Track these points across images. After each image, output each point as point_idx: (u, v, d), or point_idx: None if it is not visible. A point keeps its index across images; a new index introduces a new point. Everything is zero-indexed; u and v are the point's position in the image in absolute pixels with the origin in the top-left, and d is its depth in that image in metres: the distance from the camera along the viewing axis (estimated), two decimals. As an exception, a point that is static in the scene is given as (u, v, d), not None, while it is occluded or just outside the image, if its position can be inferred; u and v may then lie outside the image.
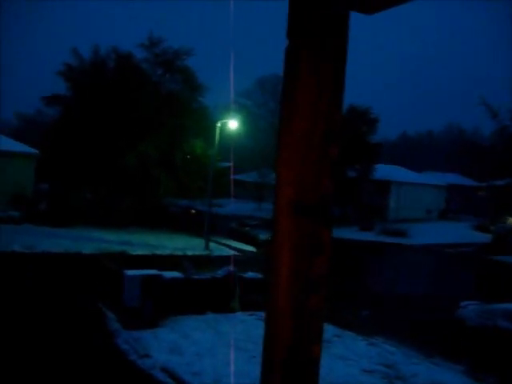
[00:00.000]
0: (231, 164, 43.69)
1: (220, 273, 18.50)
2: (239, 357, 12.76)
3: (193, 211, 45.98)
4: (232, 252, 31.56)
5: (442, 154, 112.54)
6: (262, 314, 16.55)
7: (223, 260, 24.63)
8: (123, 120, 36.16)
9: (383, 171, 56.56)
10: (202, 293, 17.16)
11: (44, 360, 11.64)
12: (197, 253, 29.35)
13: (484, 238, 48.40)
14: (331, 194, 1.61)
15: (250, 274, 19.36)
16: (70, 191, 38.34)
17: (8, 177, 36.99)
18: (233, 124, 33.41)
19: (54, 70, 40.17)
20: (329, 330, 14.77)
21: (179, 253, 28.52)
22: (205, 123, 38.63)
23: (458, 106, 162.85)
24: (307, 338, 1.64)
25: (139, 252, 27.66)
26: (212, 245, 32.05)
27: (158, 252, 28.32)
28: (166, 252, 28.61)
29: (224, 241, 35.52)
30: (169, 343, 13.60)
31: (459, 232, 51.34)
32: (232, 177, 46.81)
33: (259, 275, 19.18)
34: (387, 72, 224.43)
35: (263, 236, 36.09)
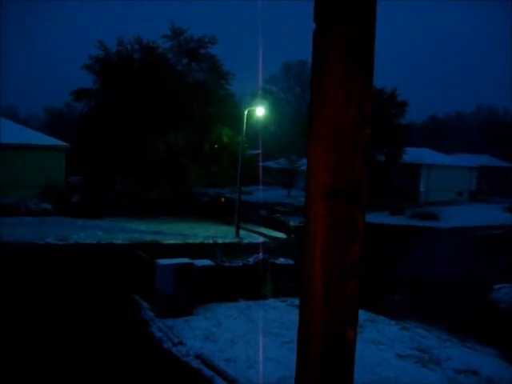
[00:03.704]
0: (259, 151, 43.70)
1: (251, 260, 18.56)
2: (272, 343, 12.82)
3: (222, 199, 46.11)
4: (263, 239, 31.62)
5: (473, 136, 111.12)
6: (294, 300, 16.60)
7: (254, 247, 24.72)
8: (151, 111, 36.32)
9: (413, 154, 56.00)
10: (233, 280, 17.25)
11: (81, 349, 11.84)
12: (228, 240, 29.47)
13: (516, 219, 47.73)
14: (365, 177, 1.60)
15: (281, 260, 19.40)
16: (100, 183, 38.74)
17: (40, 170, 37.53)
18: (260, 111, 33.35)
19: (81, 63, 40.55)
20: (361, 314, 14.73)
21: (210, 241, 28.67)
22: (232, 111, 38.63)
23: (488, 87, 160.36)
24: (343, 322, 1.64)
25: (171, 241, 27.86)
26: (242, 232, 32.12)
27: (190, 241, 28.49)
28: (198, 240, 28.78)
29: (254, 228, 35.58)
30: (202, 331, 13.71)
31: (490, 214, 50.63)
32: (261, 164, 46.80)
33: (290, 261, 19.20)
34: (415, 54, 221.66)
35: (293, 222, 36.09)
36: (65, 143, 41.02)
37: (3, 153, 36.68)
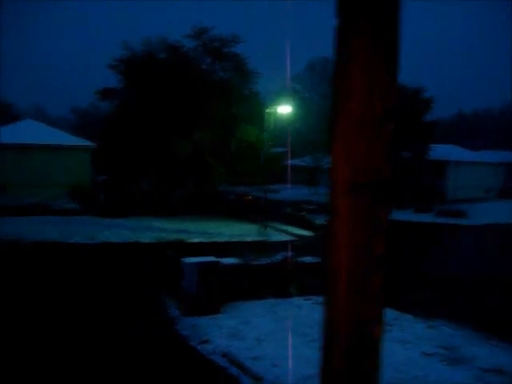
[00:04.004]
0: (286, 150, 43.64)
1: (277, 258, 18.53)
2: (298, 341, 12.80)
3: (249, 197, 46.12)
4: (288, 237, 31.56)
5: (500, 132, 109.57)
6: (320, 299, 16.53)
7: (280, 245, 24.66)
8: (176, 110, 36.48)
9: (440, 151, 55.47)
10: (259, 278, 17.24)
11: (109, 346, 11.95)
12: (254, 239, 29.47)
13: (547, 216, 46.95)
14: (388, 172, 1.59)
15: (307, 259, 19.32)
16: (127, 182, 39.03)
17: (67, 170, 38.05)
18: (284, 109, 33.31)
19: (106, 63, 40.90)
20: (387, 313, 14.60)
21: (236, 239, 28.70)
22: (257, 110, 38.63)
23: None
24: (368, 318, 1.63)
25: (196, 239, 27.97)
26: (269, 230, 32.10)
27: (215, 239, 28.57)
28: (223, 239, 28.84)
29: (280, 226, 35.50)
30: (228, 329, 13.73)
31: (519, 211, 49.92)
32: (287, 162, 46.73)
33: (317, 259, 19.11)
34: (443, 49, 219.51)
35: (319, 220, 35.95)
36: (91, 143, 41.51)
37: (32, 153, 37.21)
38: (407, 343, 13.25)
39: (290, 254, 18.95)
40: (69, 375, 10.31)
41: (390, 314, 15.14)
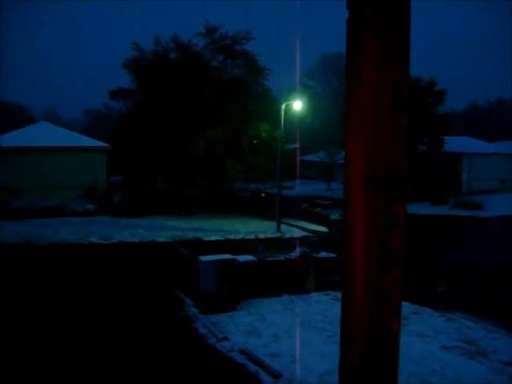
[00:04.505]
0: (299, 146, 43.55)
1: (293, 254, 18.52)
2: (316, 337, 12.80)
3: (263, 194, 46.12)
4: (304, 233, 31.55)
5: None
6: (337, 294, 16.50)
7: (296, 241, 24.65)
8: (188, 108, 36.53)
9: (454, 143, 55.09)
10: (276, 275, 17.24)
11: (130, 345, 12.01)
12: (269, 235, 29.49)
13: None
14: (404, 164, 1.57)
15: (323, 254, 19.29)
16: (141, 181, 39.15)
17: (81, 171, 38.22)
18: (297, 105, 33.27)
19: (117, 64, 41.04)
20: (405, 306, 14.59)
21: (252, 236, 28.74)
22: (269, 106, 38.59)
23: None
24: (386, 312, 1.62)
25: (212, 238, 28.03)
26: (284, 227, 32.09)
27: (231, 237, 28.61)
28: (239, 236, 28.88)
29: (295, 222, 35.50)
30: (246, 326, 13.76)
31: (536, 202, 49.50)
32: (300, 158, 46.67)
33: (332, 255, 19.08)
34: (455, 40, 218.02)
35: (335, 216, 35.87)
36: (105, 144, 41.66)
37: (48, 156, 37.44)
38: (426, 336, 13.20)
39: (306, 249, 18.92)
40: (90, 368, 10.40)
41: (409, 307, 15.09)
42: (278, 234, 30.27)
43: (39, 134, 39.73)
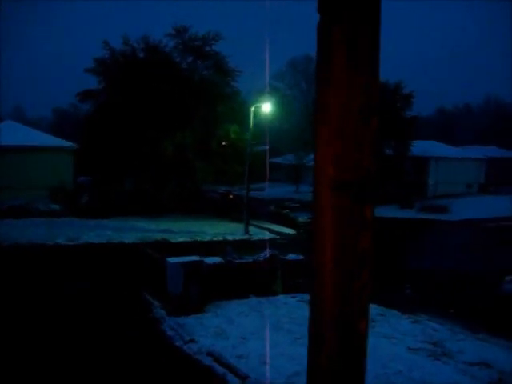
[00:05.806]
0: (267, 147, 43.61)
1: (261, 256, 18.52)
2: (284, 339, 12.82)
3: (231, 196, 46.10)
4: (272, 235, 31.59)
5: (481, 127, 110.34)
6: (304, 296, 16.57)
7: (264, 243, 24.66)
8: (157, 110, 36.33)
9: (421, 147, 55.69)
10: (244, 277, 17.22)
11: (92, 347, 11.87)
12: (237, 237, 29.47)
13: (527, 210, 47.31)
14: (373, 168, 1.59)
15: (291, 256, 19.33)
16: (109, 182, 38.81)
17: (48, 171, 37.70)
18: (266, 107, 33.31)
19: (86, 63, 40.65)
20: (372, 309, 14.66)
21: (220, 238, 28.70)
22: (239, 108, 38.61)
23: (495, 78, 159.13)
24: (354, 314, 1.63)
25: (180, 239, 27.91)
26: (252, 229, 32.09)
27: (199, 238, 28.53)
28: (207, 238, 28.81)
29: (264, 224, 35.53)
30: (213, 328, 13.72)
31: (500, 206, 50.25)
32: (268, 160, 46.72)
33: (300, 257, 19.13)
34: (422, 46, 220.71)
35: (302, 218, 36.02)
36: (72, 144, 41.21)
37: (12, 155, 36.89)
38: (393, 338, 13.32)
39: (274, 252, 18.93)
40: (54, 374, 10.25)
41: (375, 309, 15.21)
42: (246, 236, 30.26)
43: (4, 133, 39.11)
